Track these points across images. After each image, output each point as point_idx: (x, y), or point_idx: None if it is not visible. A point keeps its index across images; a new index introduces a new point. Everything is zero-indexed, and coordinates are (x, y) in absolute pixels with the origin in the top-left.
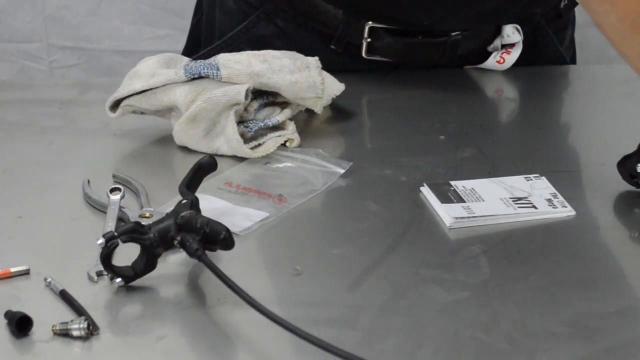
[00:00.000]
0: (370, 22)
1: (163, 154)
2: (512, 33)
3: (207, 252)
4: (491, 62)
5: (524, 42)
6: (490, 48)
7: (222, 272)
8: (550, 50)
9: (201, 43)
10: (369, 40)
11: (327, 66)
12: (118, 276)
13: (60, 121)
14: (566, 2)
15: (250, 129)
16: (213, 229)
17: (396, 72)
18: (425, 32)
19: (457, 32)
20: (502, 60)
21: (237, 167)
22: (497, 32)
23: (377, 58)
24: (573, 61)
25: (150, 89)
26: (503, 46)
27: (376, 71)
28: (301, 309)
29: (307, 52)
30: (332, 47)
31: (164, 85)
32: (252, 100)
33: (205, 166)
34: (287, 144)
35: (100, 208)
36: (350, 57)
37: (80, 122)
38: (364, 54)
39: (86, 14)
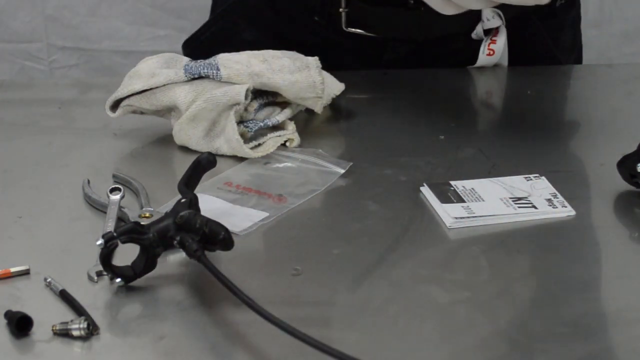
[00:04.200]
0: None
1: (163, 154)
2: (492, 17)
3: (206, 252)
4: (483, 58)
5: (514, 37)
6: (474, 35)
7: (220, 272)
8: (542, 49)
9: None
10: (347, 10)
11: (311, 39)
12: (118, 276)
13: (60, 121)
14: (563, 1)
15: (250, 129)
16: (212, 229)
17: (396, 72)
18: (403, 3)
19: None
20: (491, 52)
21: (237, 167)
22: (478, 18)
23: (357, 31)
24: None
25: (150, 89)
26: (486, 34)
27: (376, 71)
28: (301, 309)
29: (293, 23)
30: (316, 18)
31: (164, 85)
32: (252, 100)
33: (204, 163)
34: (287, 144)
35: (100, 208)
36: (333, 30)
37: (80, 122)
38: (343, 26)
39: (86, 14)
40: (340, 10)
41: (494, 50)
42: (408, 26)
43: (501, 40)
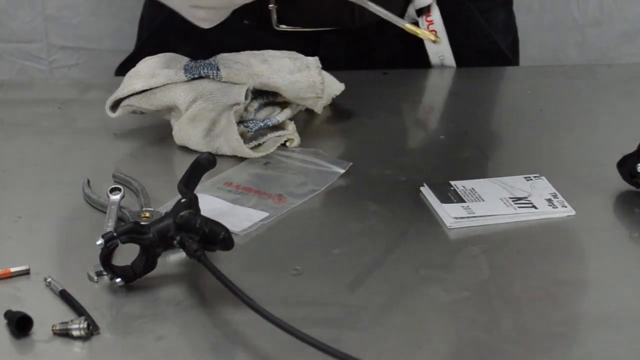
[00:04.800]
0: None
1: (163, 154)
2: None
3: (206, 252)
4: (430, 47)
5: (448, 21)
6: (406, 18)
7: (221, 272)
8: (477, 30)
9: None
10: (276, 7)
11: (243, 43)
12: (118, 276)
13: (60, 121)
14: None
15: (250, 129)
16: (212, 229)
17: (396, 72)
18: None
19: None
20: (434, 33)
21: (237, 167)
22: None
23: (289, 28)
24: (515, 57)
25: (150, 89)
26: (419, 14)
27: (375, 71)
28: (301, 309)
29: (223, 31)
30: (245, 21)
31: (164, 85)
32: (252, 100)
33: (204, 163)
34: (287, 144)
35: (100, 208)
36: (265, 31)
37: (80, 122)
38: (274, 25)
39: (86, 14)
40: (270, 7)
41: (436, 31)
42: (339, 15)
43: (435, 16)
